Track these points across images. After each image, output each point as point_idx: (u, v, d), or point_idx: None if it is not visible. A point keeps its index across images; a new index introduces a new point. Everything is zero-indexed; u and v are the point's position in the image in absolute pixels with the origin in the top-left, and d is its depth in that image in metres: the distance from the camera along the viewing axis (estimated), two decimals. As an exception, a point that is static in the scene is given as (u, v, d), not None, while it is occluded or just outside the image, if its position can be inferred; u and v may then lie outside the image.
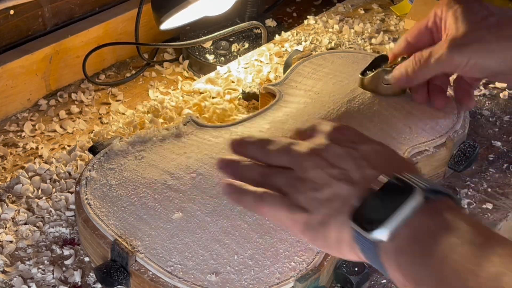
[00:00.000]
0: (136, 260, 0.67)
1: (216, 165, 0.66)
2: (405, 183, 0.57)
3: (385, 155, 0.63)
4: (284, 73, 0.98)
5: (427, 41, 0.85)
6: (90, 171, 0.76)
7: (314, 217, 0.60)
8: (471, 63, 0.78)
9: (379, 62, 0.89)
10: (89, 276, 0.73)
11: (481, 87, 1.01)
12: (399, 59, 0.87)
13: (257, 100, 0.96)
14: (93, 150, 0.80)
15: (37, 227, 0.78)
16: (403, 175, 0.58)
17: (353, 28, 1.14)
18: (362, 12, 1.20)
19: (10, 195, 0.82)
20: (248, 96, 0.98)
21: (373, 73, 0.88)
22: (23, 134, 0.95)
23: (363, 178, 0.60)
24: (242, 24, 1.09)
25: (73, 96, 1.03)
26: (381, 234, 0.56)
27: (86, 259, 0.74)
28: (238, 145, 0.67)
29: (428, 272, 0.54)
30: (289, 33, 1.13)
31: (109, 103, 1.02)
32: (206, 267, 0.67)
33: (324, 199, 0.60)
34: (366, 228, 0.56)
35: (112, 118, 0.98)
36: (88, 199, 0.73)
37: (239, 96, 0.98)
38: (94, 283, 0.72)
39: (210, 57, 1.09)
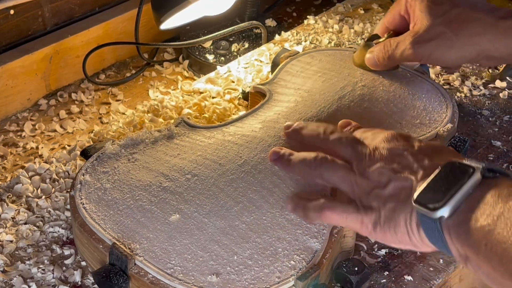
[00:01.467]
0: (135, 263, 0.67)
1: (270, 157, 0.73)
2: (463, 165, 0.62)
3: (439, 149, 0.68)
4: (271, 72, 0.98)
5: (402, 26, 0.90)
6: (83, 175, 0.76)
7: (383, 214, 0.65)
8: (432, 57, 0.85)
9: (373, 40, 0.93)
10: (89, 276, 0.73)
11: (481, 87, 1.01)
12: (386, 35, 0.91)
13: (257, 100, 0.96)
14: (85, 153, 0.79)
15: (37, 226, 0.78)
16: (460, 160, 0.63)
17: (353, 28, 1.14)
18: (362, 12, 1.20)
19: (10, 195, 0.82)
20: (248, 96, 0.98)
21: (358, 49, 0.92)
22: (23, 133, 0.95)
23: (423, 168, 0.65)
24: (242, 24, 1.09)
25: (73, 96, 1.03)
26: (444, 211, 0.60)
27: (83, 263, 0.74)
28: (294, 131, 0.75)
29: (484, 235, 0.58)
30: (289, 33, 1.13)
31: (109, 103, 1.02)
32: (206, 268, 0.67)
33: (389, 195, 0.65)
34: (430, 207, 0.60)
35: (112, 118, 0.98)
36: (83, 203, 0.73)
37: (239, 96, 0.98)
38: (93, 283, 0.72)
39: (210, 57, 1.09)
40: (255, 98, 0.91)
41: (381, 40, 0.91)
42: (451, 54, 0.84)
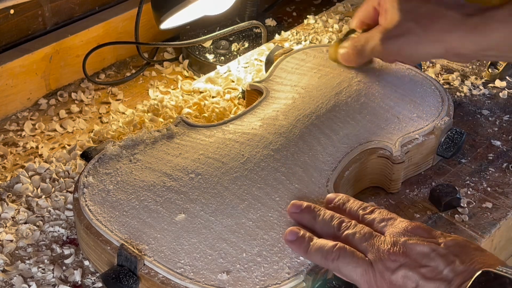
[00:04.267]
0: (144, 264, 0.67)
1: (285, 237, 0.69)
2: (499, 276, 0.58)
3: (467, 248, 0.63)
4: (266, 69, 0.98)
5: (375, 20, 0.89)
6: (86, 177, 0.76)
7: None
8: (401, 53, 0.85)
9: (350, 34, 0.93)
10: (89, 275, 0.73)
11: (481, 87, 1.01)
12: (361, 30, 0.91)
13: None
14: (86, 155, 0.79)
15: (37, 226, 0.78)
16: (493, 268, 0.59)
17: (353, 28, 1.14)
18: (362, 11, 1.20)
19: (10, 194, 0.82)
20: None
21: (333, 44, 0.93)
22: (23, 133, 0.95)
23: (455, 273, 0.60)
24: (242, 24, 1.09)
25: (73, 95, 1.03)
26: None
27: (83, 263, 0.74)
28: (304, 217, 0.71)
29: None
30: (288, 32, 1.13)
31: (109, 103, 1.02)
32: (215, 267, 0.67)
33: None
34: None
35: (112, 117, 0.98)
36: (88, 205, 0.73)
37: (239, 96, 0.98)
38: (93, 282, 0.72)
39: (210, 57, 1.09)
40: (251, 95, 0.92)
41: (354, 35, 0.91)
42: (419, 50, 0.84)
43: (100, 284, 0.72)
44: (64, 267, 0.74)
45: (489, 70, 1.03)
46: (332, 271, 0.66)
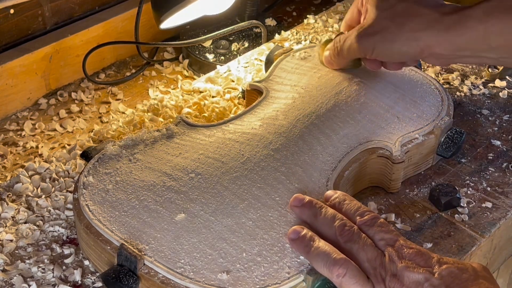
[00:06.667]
0: (144, 263, 0.67)
1: (288, 236, 0.69)
2: None
3: (459, 278, 0.63)
4: (265, 69, 0.99)
5: (360, 22, 0.90)
6: (86, 176, 0.76)
7: None
8: (376, 51, 0.84)
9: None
10: (89, 275, 0.73)
11: (481, 86, 1.01)
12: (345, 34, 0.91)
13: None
14: (86, 155, 0.79)
15: (37, 226, 0.78)
16: None
17: (352, 27, 1.14)
18: (362, 11, 1.20)
19: (10, 194, 0.82)
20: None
21: (319, 48, 0.94)
22: (23, 133, 0.95)
23: None
24: (242, 23, 1.09)
25: (73, 95, 1.03)
26: None
27: (83, 262, 0.74)
28: (306, 206, 0.71)
29: None
30: (288, 32, 1.13)
31: (109, 102, 1.02)
32: (215, 266, 0.67)
33: None
34: None
35: (112, 117, 0.98)
36: (88, 205, 0.73)
37: (239, 95, 0.98)
38: (93, 282, 0.72)
39: (210, 56, 1.09)
40: (251, 95, 0.92)
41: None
42: (394, 48, 0.83)
43: (100, 284, 0.72)
44: (64, 267, 0.74)
45: (489, 69, 1.03)
46: (332, 280, 0.66)
